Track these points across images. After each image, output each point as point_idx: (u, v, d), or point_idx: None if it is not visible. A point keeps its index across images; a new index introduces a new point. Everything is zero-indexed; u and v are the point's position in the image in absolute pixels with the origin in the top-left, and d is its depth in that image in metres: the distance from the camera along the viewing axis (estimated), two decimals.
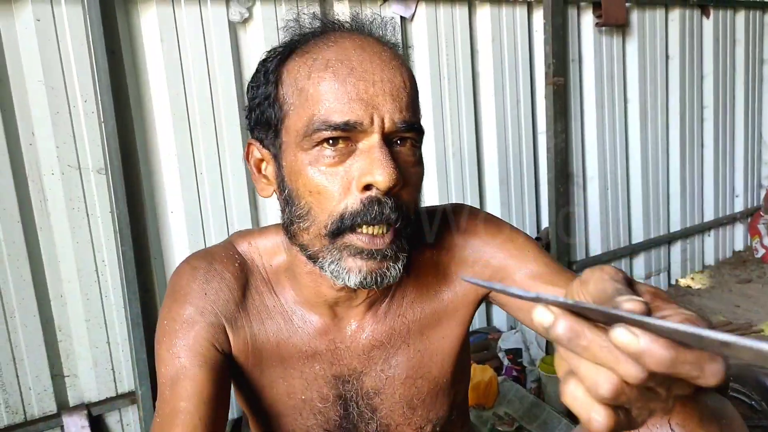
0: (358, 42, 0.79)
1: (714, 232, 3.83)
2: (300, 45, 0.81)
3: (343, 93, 0.75)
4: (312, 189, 0.78)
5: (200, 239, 2.12)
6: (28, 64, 1.83)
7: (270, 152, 0.84)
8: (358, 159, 0.76)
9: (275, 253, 0.95)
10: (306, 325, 0.93)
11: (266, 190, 0.87)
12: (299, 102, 0.77)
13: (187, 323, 0.88)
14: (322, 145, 0.76)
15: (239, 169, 2.16)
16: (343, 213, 0.77)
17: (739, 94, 3.88)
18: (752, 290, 3.41)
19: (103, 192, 1.94)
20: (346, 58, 0.76)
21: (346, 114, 0.74)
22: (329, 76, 0.75)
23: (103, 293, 2.00)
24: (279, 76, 0.81)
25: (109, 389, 2.04)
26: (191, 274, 0.91)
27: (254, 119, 0.85)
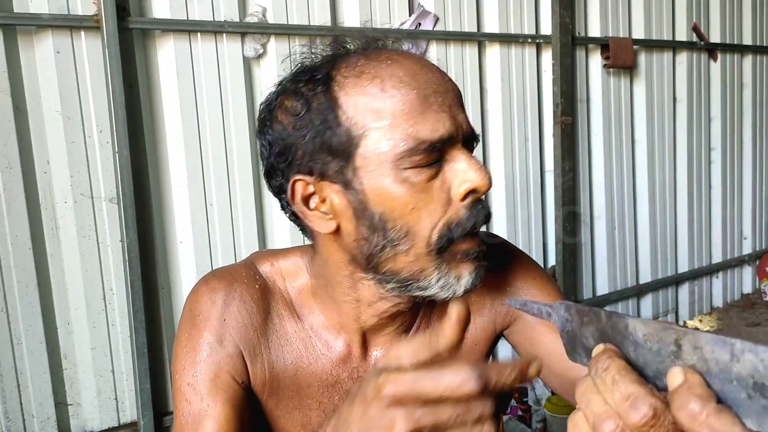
0: (412, 57, 0.77)
1: (722, 274, 3.81)
2: (340, 68, 0.77)
3: (428, 107, 0.73)
4: (412, 206, 0.74)
5: (208, 268, 2.13)
6: (47, 94, 1.87)
7: (335, 182, 0.77)
8: (450, 169, 0.75)
9: (297, 275, 0.92)
10: (329, 351, 0.90)
11: (328, 225, 0.80)
12: (378, 124, 0.73)
13: (207, 354, 0.85)
14: (417, 164, 0.73)
15: (249, 202, 2.19)
16: (449, 224, 0.75)
17: (747, 136, 3.90)
18: (761, 334, 3.38)
19: (114, 221, 1.96)
20: (415, 73, 0.74)
21: (439, 130, 0.73)
22: (409, 91, 0.73)
23: (110, 322, 2.01)
24: (333, 101, 0.75)
25: (112, 419, 2.03)
26: (210, 296, 0.88)
27: (302, 152, 0.78)
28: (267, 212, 2.26)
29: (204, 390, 0.84)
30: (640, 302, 3.43)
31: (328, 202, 0.78)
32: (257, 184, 2.22)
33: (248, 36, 2.16)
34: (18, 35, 1.83)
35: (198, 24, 2.05)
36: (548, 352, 0.90)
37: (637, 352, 0.45)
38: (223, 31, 2.10)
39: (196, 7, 2.05)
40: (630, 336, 0.46)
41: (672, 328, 0.43)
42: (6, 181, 1.81)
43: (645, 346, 0.45)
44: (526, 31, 2.85)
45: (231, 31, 2.12)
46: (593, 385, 0.45)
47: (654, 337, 0.44)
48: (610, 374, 0.44)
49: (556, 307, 0.53)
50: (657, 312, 3.47)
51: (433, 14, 2.57)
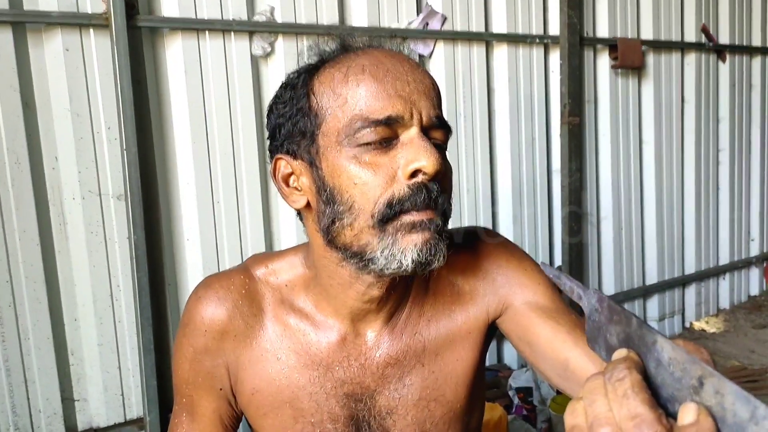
0: (387, 51, 0.84)
1: (729, 276, 3.80)
2: (327, 60, 0.85)
3: (383, 91, 0.78)
4: (357, 181, 0.79)
5: (215, 267, 2.14)
6: (56, 92, 1.88)
7: (304, 160, 0.84)
8: (401, 150, 0.79)
9: (290, 271, 0.95)
10: (321, 339, 0.92)
11: (299, 200, 0.87)
12: (338, 105, 0.80)
13: (192, 361, 0.92)
14: (365, 141, 0.78)
15: (256, 200, 2.19)
16: (390, 199, 0.78)
17: (755, 138, 3.88)
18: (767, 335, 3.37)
19: (122, 218, 1.97)
20: (380, 62, 0.80)
21: (387, 109, 0.77)
22: (367, 77, 0.79)
23: (117, 318, 2.01)
24: (310, 88, 0.83)
25: (118, 415, 2.04)
26: (199, 306, 0.93)
27: (284, 134, 0.86)
28: (273, 210, 2.27)
29: (192, 391, 0.93)
30: (646, 303, 3.42)
31: (300, 180, 0.85)
32: (264, 182, 2.22)
33: (256, 35, 2.17)
34: (27, 33, 1.84)
35: (206, 22, 2.06)
36: (539, 336, 0.92)
37: (658, 370, 0.44)
38: (231, 29, 2.11)
39: (205, 5, 2.06)
40: (655, 353, 0.45)
41: (699, 363, 0.42)
42: (15, 177, 1.82)
43: (667, 369, 0.44)
44: (534, 32, 2.84)
45: (239, 30, 2.12)
46: (603, 387, 0.45)
47: (679, 364, 0.43)
48: (624, 386, 0.44)
49: (589, 293, 0.53)
50: (663, 313, 3.46)
51: (440, 14, 2.57)
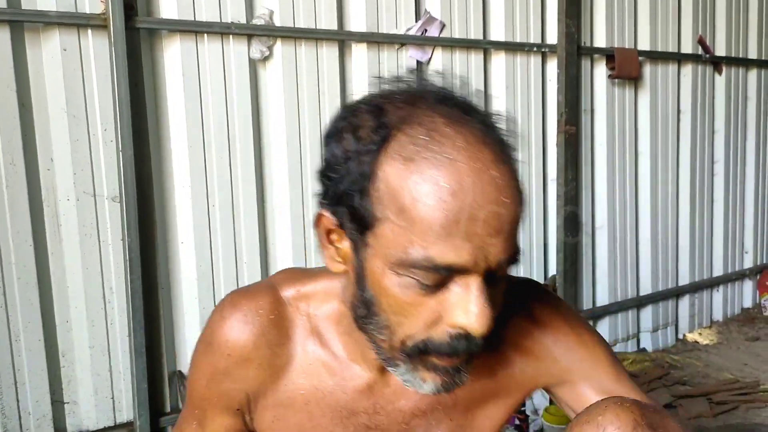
0: (474, 158, 0.68)
1: (723, 288, 3.81)
2: (402, 134, 0.70)
3: (452, 232, 0.67)
4: (397, 311, 0.73)
5: (209, 271, 2.13)
6: (52, 92, 1.87)
7: (349, 237, 0.76)
8: (453, 295, 0.70)
9: (325, 300, 0.90)
10: (347, 383, 0.89)
11: (337, 266, 0.79)
12: (397, 220, 0.69)
13: (214, 381, 0.90)
14: (415, 277, 0.70)
15: (251, 204, 2.18)
16: (426, 341, 0.73)
17: (750, 150, 3.89)
18: (760, 348, 3.37)
19: (116, 220, 1.96)
20: (459, 187, 0.66)
21: (452, 256, 0.67)
22: (438, 208, 0.66)
23: (109, 321, 2.00)
24: (374, 170, 0.70)
25: (108, 418, 2.02)
26: (230, 325, 0.88)
27: (334, 195, 0.75)
28: (269, 215, 2.26)
29: (207, 406, 0.92)
30: (640, 314, 3.42)
31: (342, 250, 0.78)
32: (260, 187, 2.22)
33: (255, 38, 2.16)
34: (25, 32, 1.83)
35: (205, 25, 2.05)
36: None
37: None
38: (229, 32, 2.10)
39: (204, 8, 2.06)
40: None
41: None
42: (9, 178, 1.81)
43: None
44: (532, 40, 2.85)
45: (237, 33, 2.12)
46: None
47: None
48: None
49: None
50: (657, 324, 3.46)
51: (439, 21, 2.57)
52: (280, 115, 2.23)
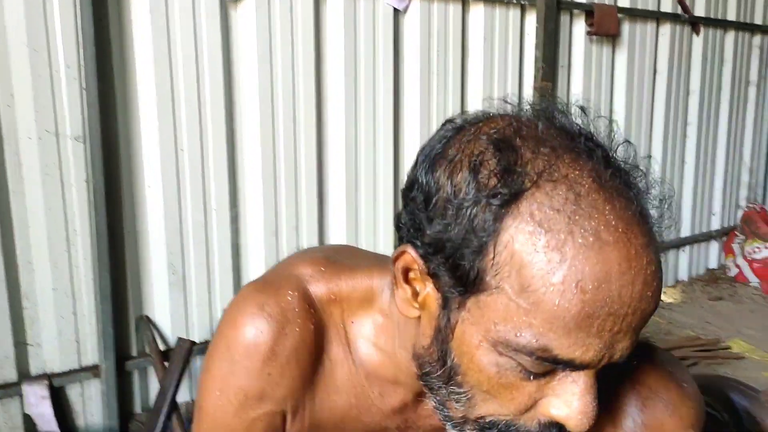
0: (627, 244, 0.57)
1: (689, 249, 3.87)
2: (538, 190, 0.58)
3: (583, 327, 0.57)
4: (488, 389, 0.64)
5: (177, 217, 2.10)
6: (12, 25, 1.79)
7: (437, 290, 0.65)
8: (558, 387, 0.62)
9: (362, 308, 0.80)
10: (382, 402, 0.82)
11: (410, 310, 0.69)
12: (516, 297, 0.58)
13: (243, 408, 0.78)
14: (520, 362, 0.61)
15: (221, 149, 2.14)
16: (510, 425, 0.66)
17: (723, 113, 3.92)
18: (723, 307, 3.45)
19: (80, 160, 1.91)
20: (605, 279, 0.56)
21: (577, 353, 0.58)
22: (576, 300, 0.56)
23: (73, 263, 1.97)
24: (496, 230, 0.58)
25: (73, 361, 2.01)
26: (255, 340, 0.76)
27: (431, 237, 0.63)
28: (239, 162, 2.22)
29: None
30: None
31: (423, 294, 0.67)
32: (230, 132, 2.17)
33: None
34: None
35: None
36: None
37: None
38: None
39: None
40: None
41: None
42: None
43: None
44: None
45: None
46: None
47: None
48: None
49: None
50: None
51: None
52: (252, 59, 2.17)
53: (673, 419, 0.78)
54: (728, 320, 3.26)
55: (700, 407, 0.82)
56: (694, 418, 0.80)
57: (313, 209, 2.35)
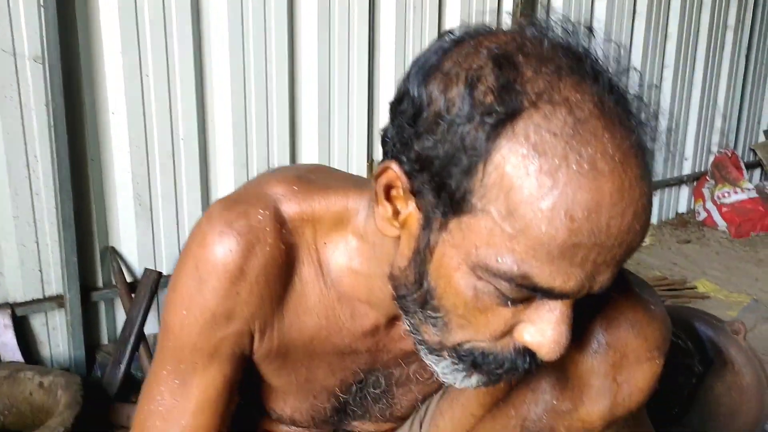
0: (622, 174, 0.55)
1: (660, 192, 3.90)
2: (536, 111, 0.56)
3: (568, 256, 0.56)
4: (463, 314, 0.63)
5: (143, 145, 2.03)
6: None
7: (420, 208, 0.63)
8: (534, 314, 0.62)
9: (334, 230, 0.78)
10: (353, 324, 0.81)
11: (390, 229, 0.66)
12: (501, 221, 0.56)
13: (211, 327, 0.76)
14: (498, 287, 0.60)
15: (188, 73, 2.06)
16: (487, 352, 0.65)
17: (700, 57, 3.89)
18: (690, 250, 3.50)
19: (39, 82, 1.82)
20: (596, 208, 0.54)
21: (558, 281, 0.57)
22: (564, 227, 0.54)
23: (34, 191, 1.90)
24: (487, 151, 0.56)
25: (36, 291, 1.96)
26: (224, 257, 0.74)
27: (418, 153, 0.60)
28: (207, 85, 2.14)
29: (199, 359, 0.78)
30: None
31: (404, 213, 0.65)
32: (198, 57, 2.08)
33: None
34: None
35: None
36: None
37: None
38: None
39: None
40: None
41: None
42: None
43: None
44: None
45: None
46: None
47: None
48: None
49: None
50: None
51: None
52: None
53: (638, 340, 0.78)
54: (695, 262, 3.32)
55: (666, 329, 0.82)
56: (659, 340, 0.80)
57: (284, 140, 2.30)
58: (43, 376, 1.73)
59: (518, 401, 0.85)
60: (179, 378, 0.79)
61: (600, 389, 0.78)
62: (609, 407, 0.78)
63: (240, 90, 2.16)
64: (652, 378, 0.79)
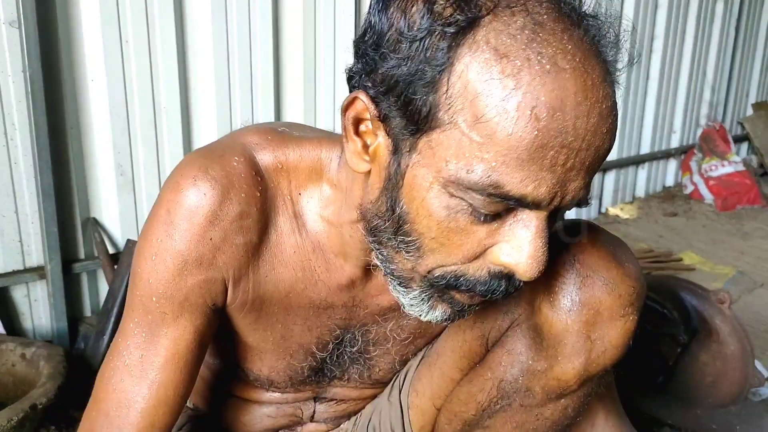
0: (584, 73, 0.56)
1: (648, 165, 3.90)
2: (495, 18, 0.56)
3: (537, 159, 0.55)
4: (436, 236, 0.62)
5: (123, 113, 1.99)
6: None
7: (389, 134, 0.63)
8: (509, 230, 0.61)
9: (310, 180, 0.77)
10: (329, 277, 0.80)
11: (361, 165, 0.66)
12: (469, 131, 0.56)
13: (182, 274, 0.74)
14: (471, 203, 0.59)
15: (170, 41, 2.01)
16: (459, 275, 0.64)
17: (690, 29, 3.87)
18: (677, 223, 3.51)
19: (15, 48, 1.77)
20: (560, 106, 0.55)
21: (529, 188, 0.57)
22: (530, 127, 0.54)
23: (13, 160, 1.86)
24: (451, 60, 0.56)
25: (17, 262, 1.93)
26: (198, 203, 0.71)
27: (382, 76, 0.60)
28: (189, 51, 2.09)
29: (168, 309, 0.75)
30: None
31: (373, 145, 0.65)
32: (179, 19, 2.03)
33: None
34: None
35: None
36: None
37: None
38: None
39: None
40: None
41: None
42: None
43: None
44: None
45: None
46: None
47: None
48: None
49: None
50: None
51: None
52: None
53: (612, 297, 0.79)
54: (681, 235, 3.33)
55: (640, 286, 0.82)
56: (633, 297, 0.80)
57: (269, 108, 2.26)
58: (25, 348, 1.71)
59: (494, 363, 0.85)
60: (147, 330, 0.76)
61: (574, 347, 0.78)
62: (584, 365, 0.78)
63: (223, 57, 2.12)
64: (627, 335, 0.79)
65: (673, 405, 1.64)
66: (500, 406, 0.85)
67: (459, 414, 0.91)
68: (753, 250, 3.10)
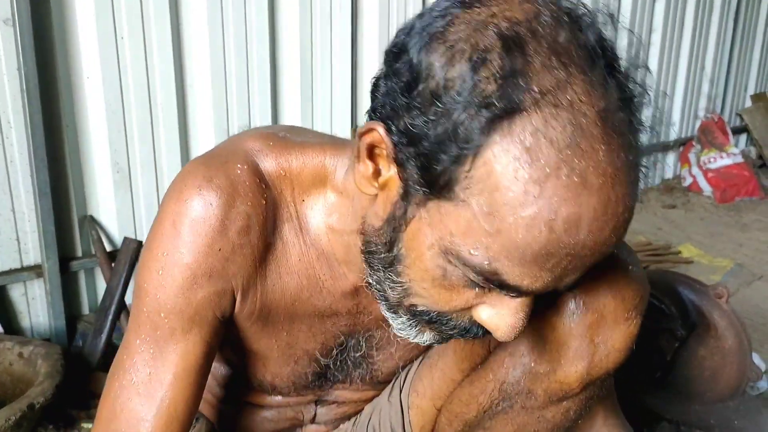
0: (609, 191, 0.54)
1: (646, 159, 3.88)
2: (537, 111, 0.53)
3: (540, 263, 0.56)
4: (427, 288, 0.64)
5: (119, 111, 1.98)
6: None
7: (401, 178, 0.61)
8: (494, 296, 0.62)
9: (314, 186, 0.76)
10: (333, 285, 0.80)
11: (368, 188, 0.65)
12: (481, 218, 0.55)
13: (190, 288, 0.72)
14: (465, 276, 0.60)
15: (165, 37, 2.00)
16: (444, 317, 0.66)
17: (688, 21, 3.86)
18: (675, 215, 3.51)
19: (10, 46, 1.76)
20: (576, 224, 0.54)
21: (525, 282, 0.57)
22: (541, 239, 0.54)
23: (8, 158, 1.85)
24: (482, 142, 0.54)
25: (14, 260, 1.92)
26: (204, 214, 0.70)
27: (407, 128, 0.58)
28: (185, 48, 2.08)
29: (177, 324, 0.74)
30: None
31: (385, 176, 0.63)
32: (174, 16, 2.02)
33: None
34: None
35: None
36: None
37: None
38: None
39: None
40: None
41: None
42: None
43: None
44: None
45: None
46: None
47: None
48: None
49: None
50: None
51: None
52: None
53: (616, 301, 0.79)
54: (679, 227, 3.33)
55: (644, 289, 0.82)
56: (637, 300, 0.80)
57: (265, 105, 2.25)
58: (23, 347, 1.71)
59: (496, 365, 0.85)
60: (155, 346, 0.75)
61: (577, 350, 0.78)
62: (587, 368, 0.78)
63: (219, 53, 2.11)
64: (629, 338, 0.79)
65: (671, 400, 1.64)
66: (501, 407, 0.85)
67: (460, 415, 0.91)
68: (751, 243, 3.10)
